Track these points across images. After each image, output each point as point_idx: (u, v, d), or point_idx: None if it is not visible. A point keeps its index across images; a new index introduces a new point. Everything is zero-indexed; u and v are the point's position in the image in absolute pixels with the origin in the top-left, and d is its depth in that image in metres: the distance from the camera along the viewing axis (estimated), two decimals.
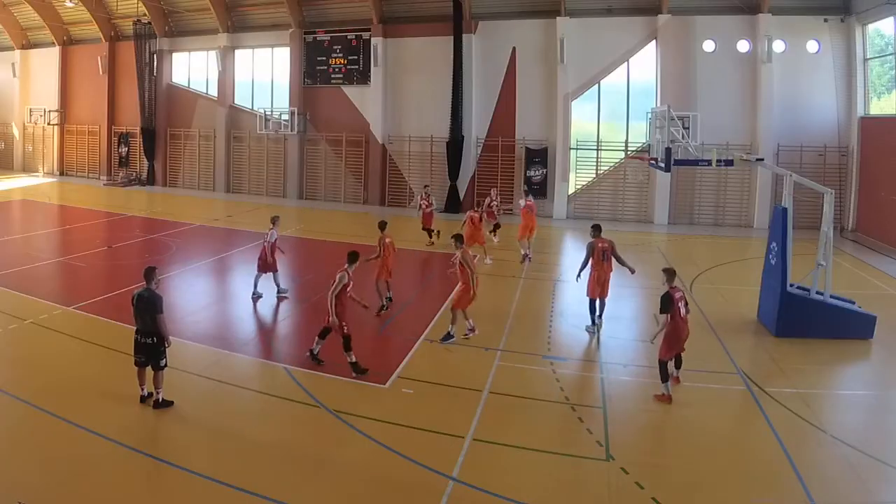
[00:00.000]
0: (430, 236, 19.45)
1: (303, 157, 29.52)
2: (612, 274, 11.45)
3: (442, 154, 26.28)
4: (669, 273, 9.08)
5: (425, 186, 21.43)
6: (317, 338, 9.63)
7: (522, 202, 18.03)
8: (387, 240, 12.49)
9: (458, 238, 11.27)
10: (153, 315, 7.95)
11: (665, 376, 8.72)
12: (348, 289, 9.30)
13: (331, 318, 9.22)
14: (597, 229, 11.61)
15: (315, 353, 9.64)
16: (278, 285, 13.34)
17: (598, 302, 11.47)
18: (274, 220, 13.45)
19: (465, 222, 16.80)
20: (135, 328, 8.12)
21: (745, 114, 23.20)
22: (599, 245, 11.34)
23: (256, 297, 13.09)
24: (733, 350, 10.64)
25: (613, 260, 11.34)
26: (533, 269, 16.52)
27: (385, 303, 12.42)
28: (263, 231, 20.45)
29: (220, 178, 31.20)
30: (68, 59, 35.09)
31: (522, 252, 17.39)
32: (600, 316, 11.55)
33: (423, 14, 26.84)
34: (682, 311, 8.74)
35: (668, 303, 8.67)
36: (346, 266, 9.48)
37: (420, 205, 19.74)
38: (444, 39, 25.68)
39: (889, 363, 10.54)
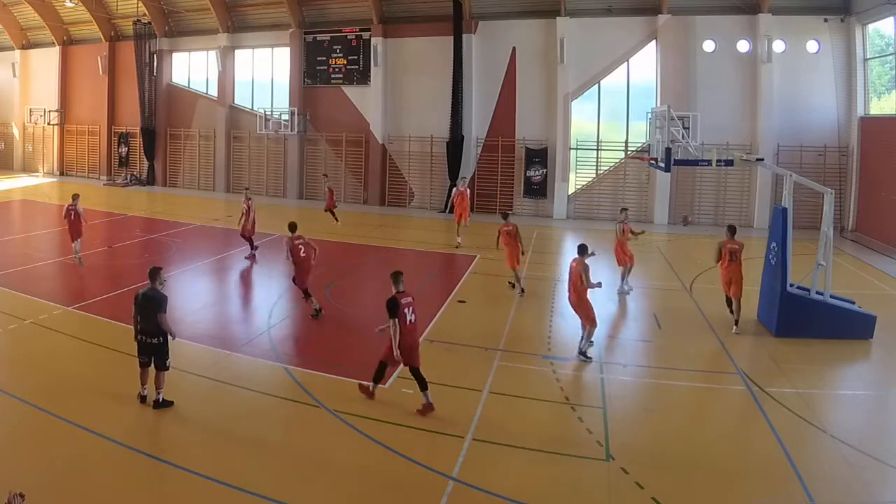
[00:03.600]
0: (252, 248, 16.87)
1: (303, 157, 29.53)
2: (740, 273, 11.52)
3: (442, 154, 26.29)
4: (395, 277, 8.42)
5: (246, 189, 19.49)
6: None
7: (456, 189, 19.60)
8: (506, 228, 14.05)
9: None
10: (156, 314, 7.93)
11: (377, 376, 8.39)
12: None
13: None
14: (730, 230, 11.89)
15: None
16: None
17: (733, 300, 11.60)
18: (74, 197, 15.54)
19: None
20: (138, 328, 8.06)
21: (745, 114, 23.21)
22: (728, 246, 11.61)
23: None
24: (733, 350, 10.64)
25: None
26: (533, 269, 16.52)
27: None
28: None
29: (220, 178, 31.21)
30: (68, 59, 35.10)
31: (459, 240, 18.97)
32: (734, 315, 11.62)
33: (423, 14, 26.85)
34: (410, 318, 8.19)
35: (394, 308, 8.05)
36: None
37: (243, 211, 16.77)
38: (444, 39, 25.69)
39: (889, 363, 10.54)
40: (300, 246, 11.94)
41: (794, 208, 11.97)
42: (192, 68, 32.33)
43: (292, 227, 12.27)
